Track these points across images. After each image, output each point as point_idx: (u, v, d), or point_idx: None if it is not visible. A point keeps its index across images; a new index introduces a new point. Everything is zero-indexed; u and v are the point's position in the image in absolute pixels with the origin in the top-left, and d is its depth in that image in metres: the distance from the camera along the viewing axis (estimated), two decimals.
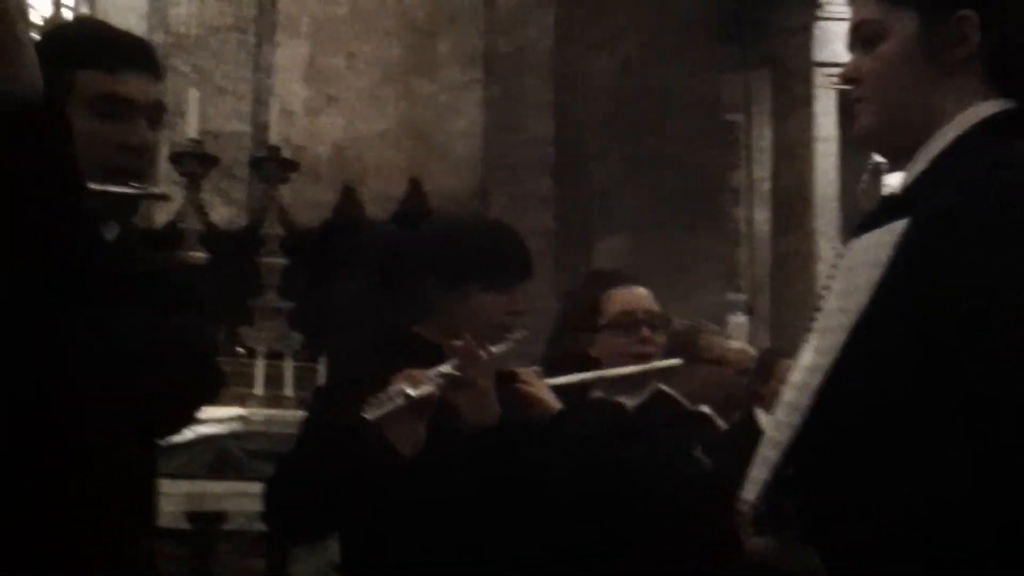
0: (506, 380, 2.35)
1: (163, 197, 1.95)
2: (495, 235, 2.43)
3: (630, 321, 2.70)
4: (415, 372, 2.11)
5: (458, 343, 2.16)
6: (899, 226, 1.43)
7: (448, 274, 2.33)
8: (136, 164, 1.81)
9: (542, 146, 7.25)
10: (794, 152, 7.39)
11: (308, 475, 2.17)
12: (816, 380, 1.45)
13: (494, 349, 2.23)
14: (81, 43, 1.82)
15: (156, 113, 1.89)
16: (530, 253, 2.43)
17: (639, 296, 2.76)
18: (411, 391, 2.06)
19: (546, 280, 6.29)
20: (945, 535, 1.31)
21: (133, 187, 1.76)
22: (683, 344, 3.22)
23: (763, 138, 7.73)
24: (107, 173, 1.69)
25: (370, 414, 2.04)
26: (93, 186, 1.52)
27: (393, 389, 2.07)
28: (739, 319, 7.48)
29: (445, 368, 2.14)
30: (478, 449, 2.15)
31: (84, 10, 8.00)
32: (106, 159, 1.72)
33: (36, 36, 1.26)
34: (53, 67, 1.24)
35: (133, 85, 1.83)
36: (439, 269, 2.35)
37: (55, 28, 1.85)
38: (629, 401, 2.73)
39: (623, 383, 2.71)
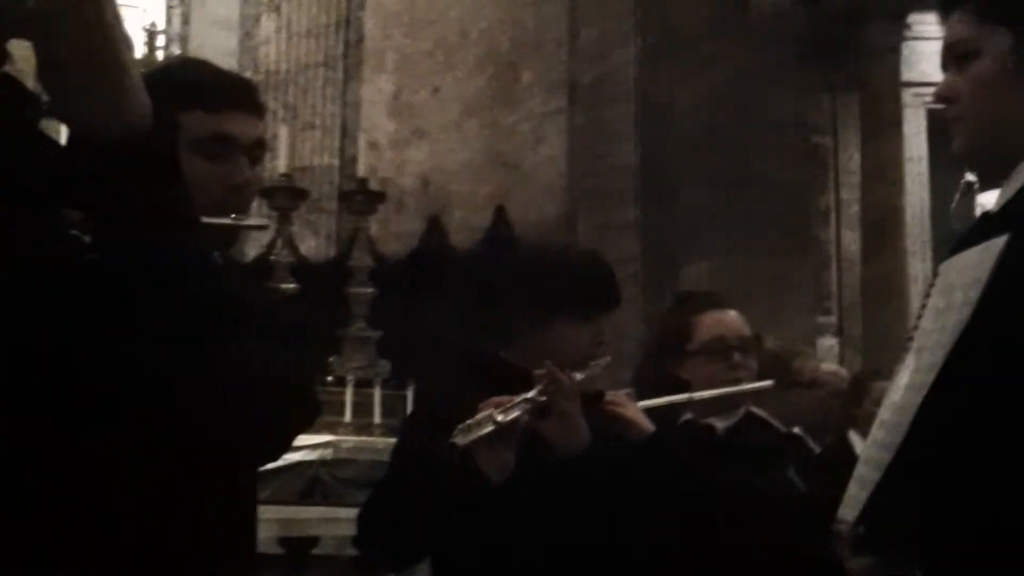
0: (596, 402, 2.35)
1: (262, 227, 2.00)
2: (583, 263, 2.44)
3: (721, 347, 2.68)
4: (502, 399, 2.12)
5: (541, 371, 2.17)
6: (998, 243, 1.41)
7: (535, 301, 2.34)
8: (238, 201, 1.85)
9: (627, 173, 7.25)
10: (883, 173, 7.29)
11: (399, 502, 2.19)
12: (917, 399, 1.44)
13: (578, 376, 2.24)
14: (186, 84, 1.85)
15: (257, 151, 1.93)
16: (617, 281, 2.43)
17: (730, 320, 2.74)
18: (499, 417, 2.07)
19: (633, 307, 6.28)
20: None
21: (233, 218, 1.80)
22: (775, 366, 3.19)
23: (851, 160, 7.64)
24: (209, 210, 1.73)
25: (459, 440, 2.06)
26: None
27: (481, 416, 2.08)
28: (829, 342, 7.39)
29: (530, 394, 2.15)
30: (568, 475, 2.16)
31: (176, 50, 8.20)
32: (208, 197, 1.76)
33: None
34: (158, 108, 1.27)
35: (236, 124, 1.87)
36: (526, 296, 2.36)
37: (159, 69, 1.89)
38: (720, 423, 2.72)
39: (714, 406, 2.69)
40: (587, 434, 2.16)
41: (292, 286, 6.22)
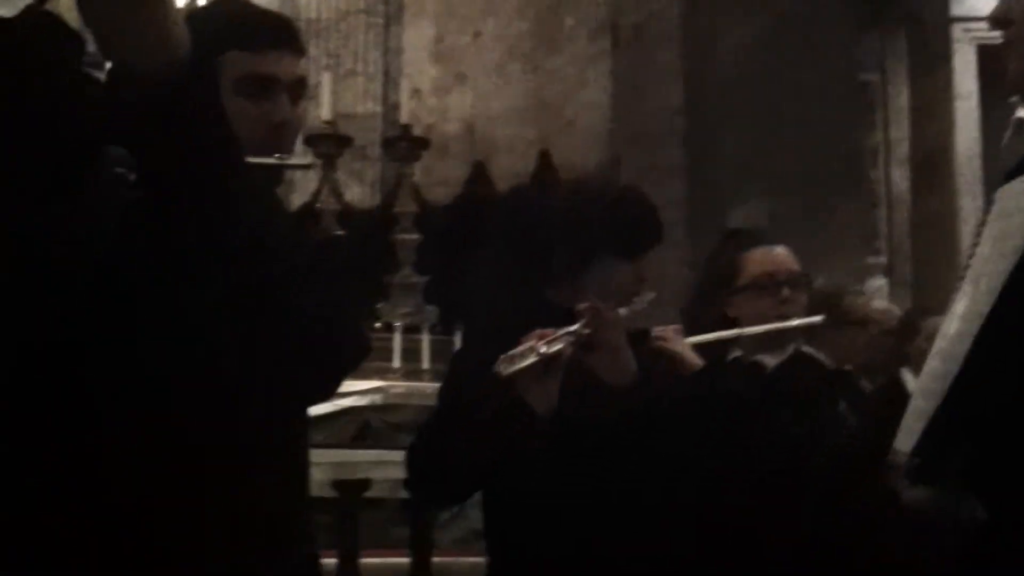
0: (643, 339, 2.35)
1: (306, 166, 1.99)
2: (623, 199, 2.43)
3: (770, 282, 2.67)
4: (546, 331, 2.12)
5: (584, 305, 2.16)
6: None
7: (576, 239, 2.34)
8: (280, 140, 1.85)
9: (672, 115, 7.19)
10: (933, 111, 7.18)
11: (446, 437, 2.21)
12: (974, 327, 1.42)
13: (622, 311, 2.24)
14: (226, 23, 1.85)
15: (299, 89, 1.92)
16: (659, 217, 2.42)
17: (779, 256, 2.72)
18: (542, 348, 2.08)
19: (679, 251, 6.25)
20: None
21: (277, 158, 1.80)
22: (825, 305, 3.16)
23: (900, 97, 7.53)
24: (252, 150, 1.73)
25: (502, 370, 2.07)
26: None
27: (524, 347, 2.09)
28: (878, 282, 7.32)
29: (574, 327, 2.15)
30: (615, 407, 2.16)
31: None
32: (251, 137, 1.76)
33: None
34: (200, 46, 1.26)
35: (277, 63, 1.86)
36: (569, 235, 2.35)
37: (199, 9, 1.89)
38: (769, 360, 2.70)
39: (763, 343, 2.68)
40: (634, 366, 2.16)
41: (338, 233, 6.25)
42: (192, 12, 1.94)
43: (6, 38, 1.08)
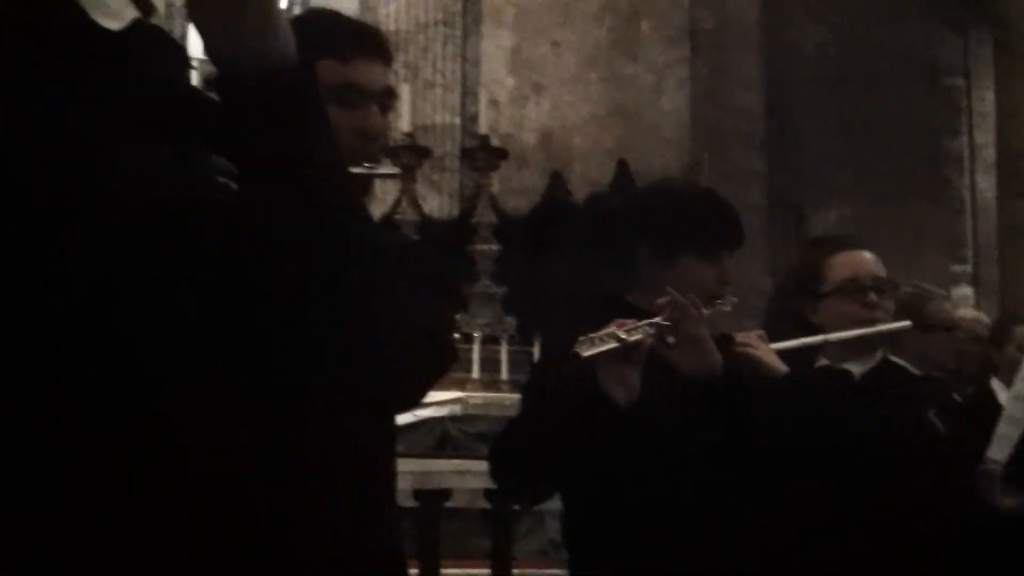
0: (727, 344, 2.33)
1: (395, 175, 2.01)
2: (704, 202, 2.42)
3: (856, 286, 2.63)
4: (626, 320, 2.11)
5: (664, 299, 2.15)
6: None
7: (657, 241, 2.33)
8: (370, 149, 1.87)
9: (752, 120, 7.13)
10: (1019, 114, 7.04)
11: (528, 431, 2.21)
12: None
13: (705, 311, 2.22)
14: (318, 34, 1.87)
15: (387, 98, 1.94)
16: (740, 219, 2.40)
17: (864, 260, 2.68)
18: (622, 334, 2.06)
19: (759, 257, 6.19)
20: None
21: (366, 167, 1.81)
22: (912, 311, 3.11)
23: (985, 101, 7.39)
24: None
25: (583, 351, 2.05)
26: None
27: (604, 332, 2.08)
28: (964, 291, 7.19)
29: (655, 319, 2.14)
30: (697, 401, 2.14)
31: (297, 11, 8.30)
32: (342, 146, 1.78)
33: None
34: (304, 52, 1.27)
35: (366, 72, 1.89)
36: (648, 236, 2.35)
37: (292, 20, 1.92)
38: (857, 368, 2.66)
39: (850, 350, 2.64)
40: (718, 358, 2.14)
41: (419, 240, 6.28)
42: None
43: (116, 50, 1.10)
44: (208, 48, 1.09)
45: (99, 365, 1.05)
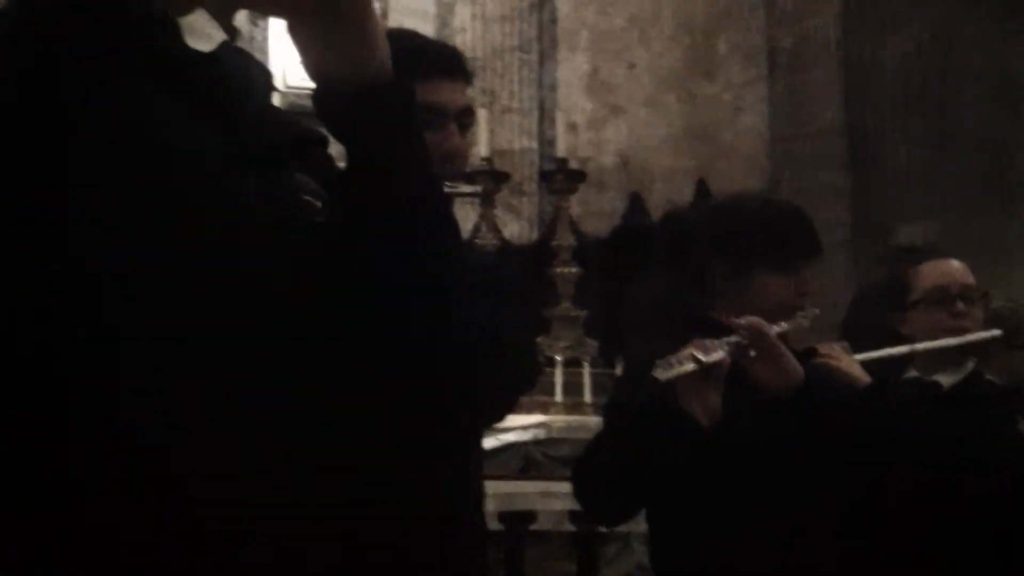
0: (811, 357, 2.30)
1: (476, 194, 2.03)
2: (776, 214, 2.40)
3: (944, 295, 2.58)
4: (704, 341, 2.10)
5: (741, 321, 2.13)
6: None
7: (732, 256, 2.31)
8: (450, 169, 1.88)
9: (832, 137, 7.06)
10: None
11: (610, 451, 2.21)
12: None
13: (784, 325, 2.20)
14: (397, 54, 1.90)
15: (466, 118, 1.96)
16: (815, 229, 2.38)
17: (953, 269, 2.64)
18: (700, 356, 2.05)
19: (842, 274, 6.10)
20: None
21: (448, 186, 1.83)
22: (1003, 325, 3.05)
23: None
24: None
25: (661, 375, 2.05)
26: None
27: (683, 353, 2.07)
28: None
29: (733, 338, 2.12)
30: (781, 417, 2.12)
31: None
32: None
33: None
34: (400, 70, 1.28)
35: (445, 92, 1.90)
36: (723, 252, 2.33)
37: None
38: (945, 380, 2.61)
39: (938, 362, 2.60)
40: (800, 372, 2.12)
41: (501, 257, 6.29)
42: None
43: (207, 71, 1.13)
44: (308, 65, 1.11)
45: (191, 381, 1.07)
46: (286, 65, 6.40)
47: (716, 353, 2.08)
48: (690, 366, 2.05)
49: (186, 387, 1.06)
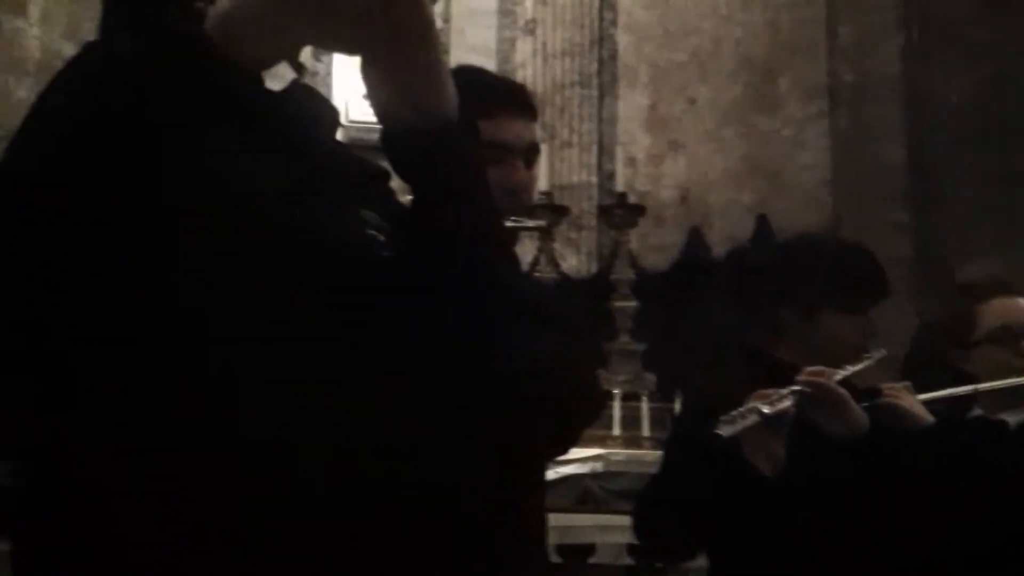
0: (874, 396, 2.29)
1: (541, 228, 2.05)
2: (844, 255, 2.39)
3: (1008, 334, 2.56)
4: (768, 391, 2.10)
5: (806, 371, 2.13)
6: None
7: (799, 297, 2.31)
8: (515, 204, 1.90)
9: (894, 173, 7.00)
10: None
11: (672, 494, 2.20)
12: None
13: (850, 368, 2.19)
14: (465, 91, 1.93)
15: (532, 153, 1.98)
16: (883, 271, 2.37)
17: (1018, 306, 2.62)
18: (764, 408, 2.05)
19: (905, 311, 6.04)
20: None
21: (512, 220, 1.85)
22: None
23: None
24: None
25: (724, 431, 2.05)
26: None
27: (746, 407, 2.07)
28: None
29: (796, 387, 2.12)
30: (846, 462, 2.11)
31: None
32: None
33: None
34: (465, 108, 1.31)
35: (511, 129, 1.93)
36: (789, 292, 2.33)
37: None
38: (1012, 419, 2.59)
39: (1005, 400, 2.57)
40: (864, 419, 2.12)
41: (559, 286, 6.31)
42: None
43: (279, 110, 1.16)
44: (375, 105, 1.14)
45: (260, 414, 1.09)
46: (349, 100, 6.49)
47: (780, 404, 2.08)
48: (753, 418, 2.05)
49: (256, 421, 1.09)
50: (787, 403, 2.09)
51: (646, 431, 6.52)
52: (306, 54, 1.22)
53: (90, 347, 1.05)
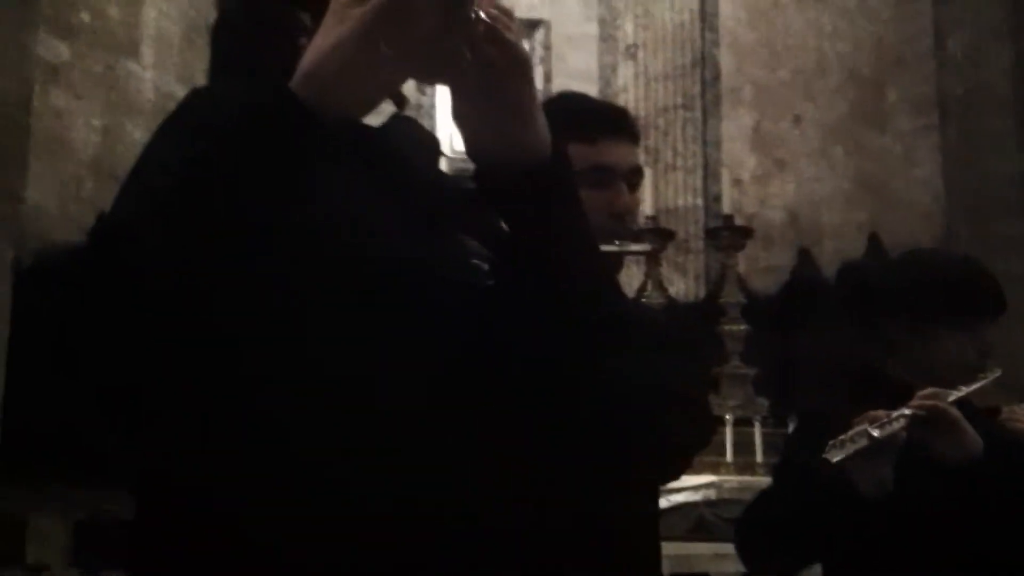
0: (992, 416, 2.23)
1: (646, 252, 2.04)
2: (959, 271, 2.33)
3: None
4: (878, 413, 2.06)
5: (919, 394, 2.08)
6: None
7: (912, 314, 2.26)
8: (619, 227, 1.90)
9: (1008, 185, 6.81)
10: None
11: (779, 516, 2.18)
12: None
13: (964, 388, 2.14)
14: (565, 118, 1.94)
15: (635, 177, 1.98)
16: (999, 287, 2.31)
17: None
18: (874, 432, 2.01)
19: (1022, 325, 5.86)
20: None
21: (617, 244, 1.85)
22: None
23: None
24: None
25: (833, 456, 2.01)
26: None
27: (856, 431, 2.03)
28: None
29: (907, 410, 2.07)
30: (960, 486, 2.05)
31: None
32: (592, 225, 1.82)
33: None
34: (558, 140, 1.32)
35: (614, 153, 1.93)
36: (903, 309, 2.28)
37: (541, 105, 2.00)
38: None
39: None
40: (979, 442, 2.05)
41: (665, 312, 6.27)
42: None
43: (380, 145, 1.18)
44: (468, 145, 1.15)
45: (372, 441, 1.11)
46: (453, 130, 6.55)
47: (890, 427, 2.03)
48: (863, 443, 2.01)
49: (369, 448, 1.10)
50: (898, 426, 2.04)
51: (759, 457, 6.42)
52: (409, 86, 1.23)
53: (213, 389, 1.07)
